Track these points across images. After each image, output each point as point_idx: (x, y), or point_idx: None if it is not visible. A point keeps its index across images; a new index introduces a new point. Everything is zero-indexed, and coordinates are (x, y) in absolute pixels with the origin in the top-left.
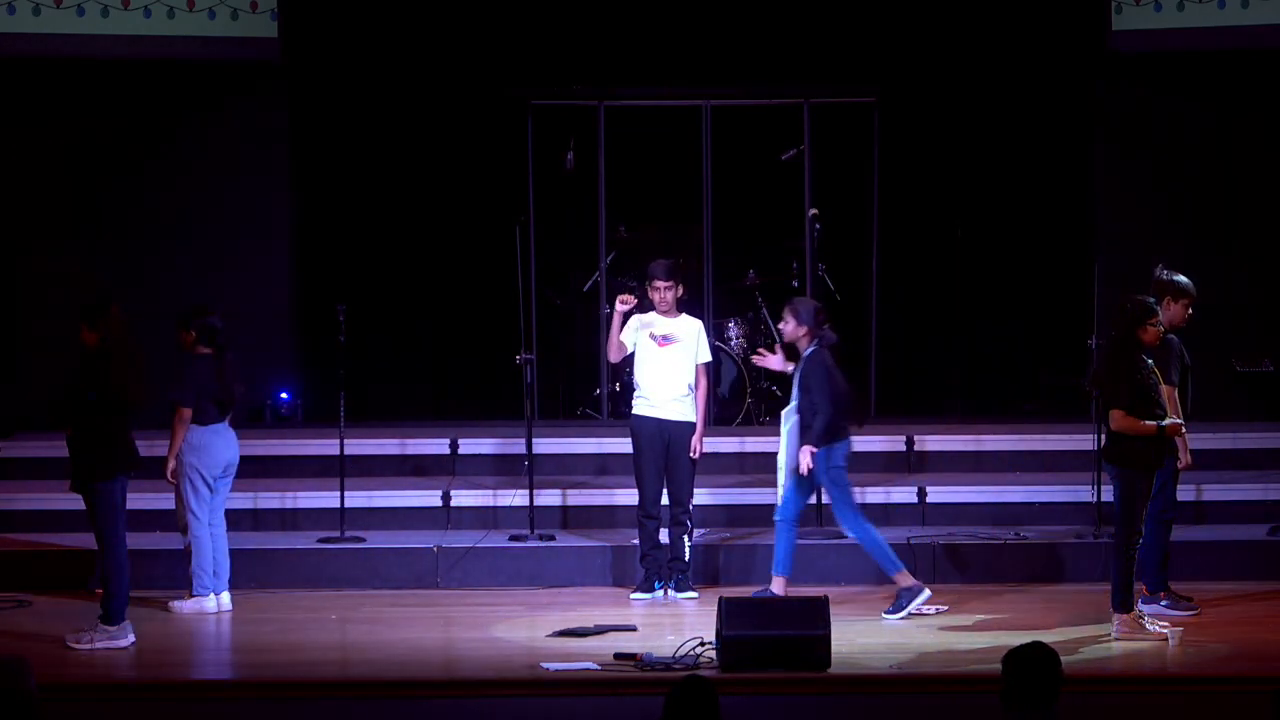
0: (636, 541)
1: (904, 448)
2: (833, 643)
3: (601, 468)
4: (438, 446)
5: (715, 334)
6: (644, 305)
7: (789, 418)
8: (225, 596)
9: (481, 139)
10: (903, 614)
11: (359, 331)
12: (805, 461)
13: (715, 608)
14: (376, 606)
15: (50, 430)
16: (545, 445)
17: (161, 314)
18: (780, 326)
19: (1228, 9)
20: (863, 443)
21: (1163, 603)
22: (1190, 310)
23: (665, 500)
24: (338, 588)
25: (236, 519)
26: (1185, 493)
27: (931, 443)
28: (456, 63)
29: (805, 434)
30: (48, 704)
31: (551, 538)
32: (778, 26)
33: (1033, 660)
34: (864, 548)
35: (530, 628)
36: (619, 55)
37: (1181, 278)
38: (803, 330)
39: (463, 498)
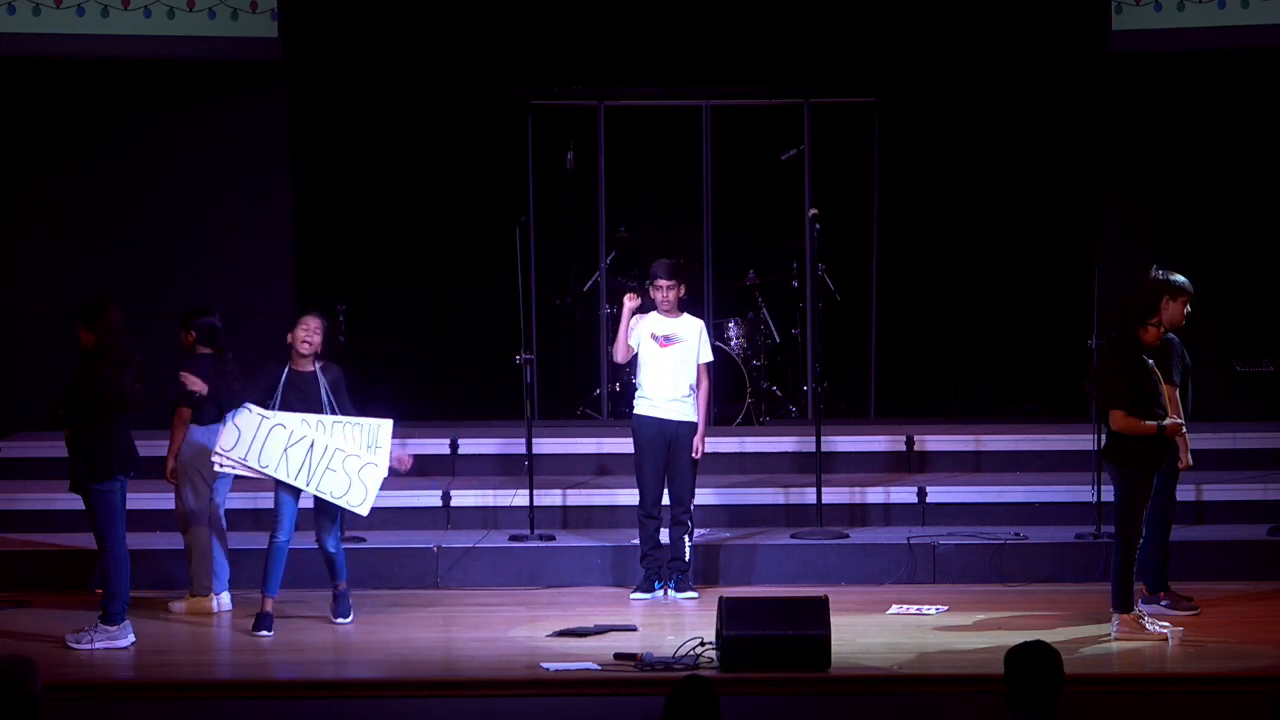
0: (636, 541)
1: (904, 448)
2: (833, 643)
3: (601, 468)
4: (438, 446)
5: (715, 334)
6: (645, 305)
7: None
8: (225, 596)
9: (481, 139)
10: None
11: (359, 331)
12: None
13: (715, 608)
14: (376, 606)
15: (50, 430)
16: (545, 445)
17: (161, 314)
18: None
19: (1228, 9)
20: (863, 443)
21: (1163, 603)
22: (1188, 309)
23: (666, 500)
24: None
25: (236, 519)
26: (1185, 493)
27: (931, 443)
28: (457, 63)
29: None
30: (47, 704)
31: (551, 538)
32: (778, 26)
33: (1034, 659)
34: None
35: (530, 628)
36: (619, 55)
37: (1178, 277)
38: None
39: (463, 498)
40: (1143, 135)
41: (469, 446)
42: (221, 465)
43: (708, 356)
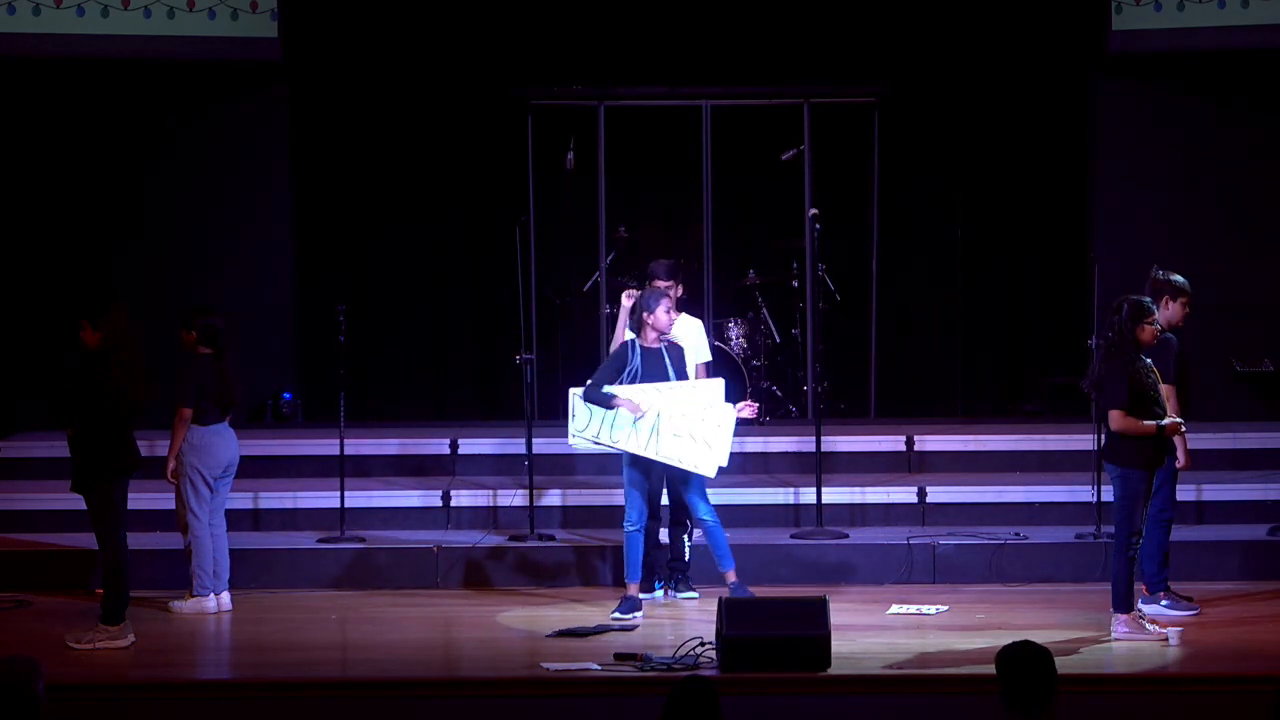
0: None
1: (904, 448)
2: (833, 643)
3: (601, 468)
4: (438, 446)
5: (715, 334)
6: None
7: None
8: (225, 596)
9: (481, 139)
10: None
11: (359, 331)
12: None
13: (715, 608)
14: (376, 606)
15: (51, 430)
16: (545, 445)
17: (161, 314)
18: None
19: (1228, 9)
20: (863, 443)
21: (1163, 603)
22: (1188, 309)
23: (666, 500)
24: (338, 588)
25: (237, 519)
26: (1185, 493)
27: (931, 443)
28: (457, 63)
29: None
30: (48, 704)
31: (551, 538)
32: (778, 26)
33: (1023, 659)
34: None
35: (530, 628)
36: (619, 55)
37: (1178, 277)
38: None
39: (463, 498)
40: (1142, 135)
41: (469, 446)
42: (574, 444)
43: (706, 356)
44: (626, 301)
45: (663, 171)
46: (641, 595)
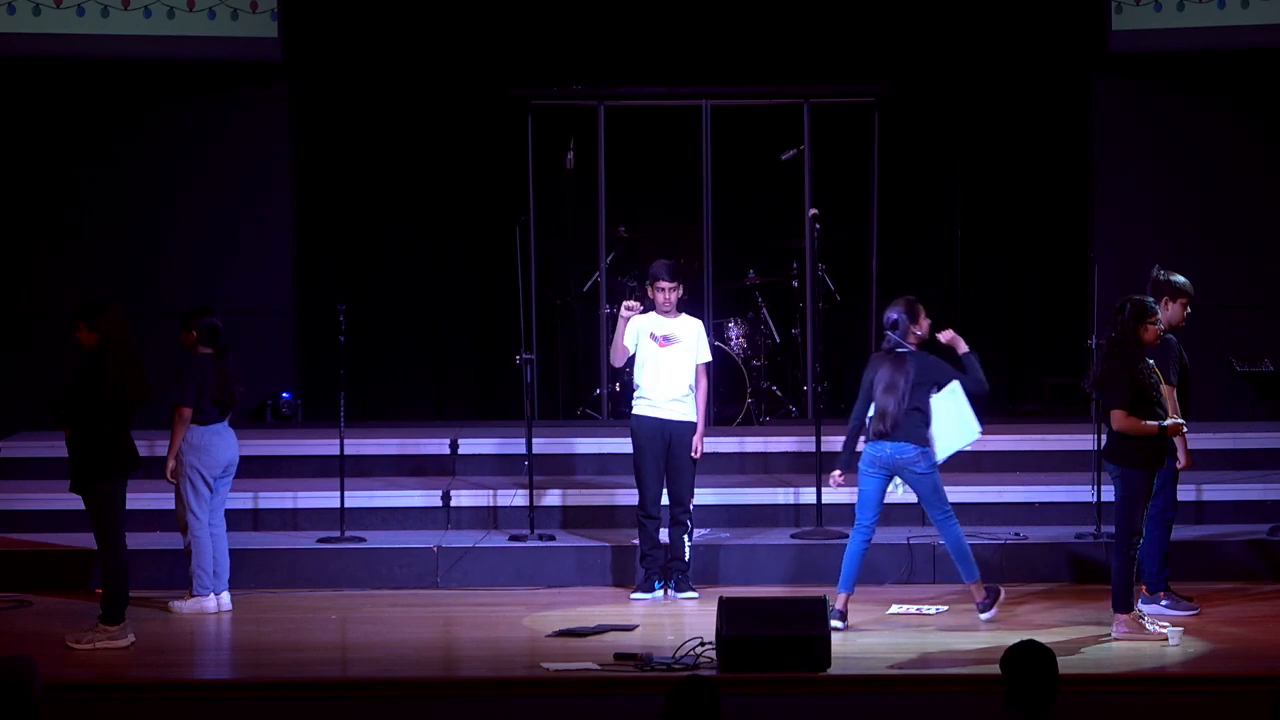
0: (636, 541)
1: None
2: (833, 643)
3: (601, 468)
4: (438, 446)
5: (715, 334)
6: (643, 306)
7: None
8: (225, 596)
9: (481, 139)
10: None
11: (359, 331)
12: None
13: (715, 608)
14: (376, 606)
15: (50, 430)
16: (545, 445)
17: (161, 314)
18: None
19: (1228, 9)
20: (863, 443)
21: (1163, 603)
22: (1189, 310)
23: (665, 500)
24: (338, 588)
25: (237, 519)
26: (1185, 493)
27: None
28: (457, 63)
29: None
30: (47, 704)
31: (551, 538)
32: (778, 26)
33: (1030, 658)
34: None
35: (530, 628)
36: (619, 55)
37: (1179, 277)
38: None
39: (463, 498)
40: (1142, 135)
41: (469, 446)
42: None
43: (706, 357)
44: (627, 313)
45: (663, 171)
46: (642, 595)
